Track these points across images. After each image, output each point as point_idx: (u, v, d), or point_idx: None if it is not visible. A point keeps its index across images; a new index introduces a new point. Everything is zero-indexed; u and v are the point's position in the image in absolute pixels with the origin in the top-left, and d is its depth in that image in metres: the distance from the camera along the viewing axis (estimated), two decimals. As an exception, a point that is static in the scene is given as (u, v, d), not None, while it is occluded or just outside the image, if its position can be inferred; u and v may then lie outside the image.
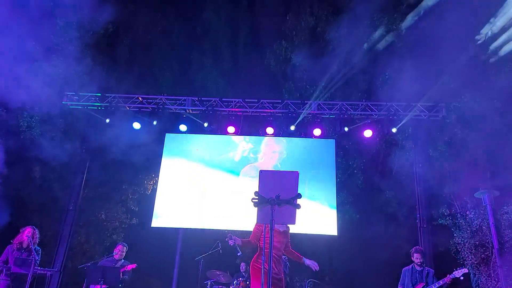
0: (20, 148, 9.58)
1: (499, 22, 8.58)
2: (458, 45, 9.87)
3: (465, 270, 6.47)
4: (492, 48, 9.43)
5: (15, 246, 6.57)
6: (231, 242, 4.58)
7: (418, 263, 6.77)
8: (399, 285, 6.91)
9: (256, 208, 3.43)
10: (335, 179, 9.83)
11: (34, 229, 6.71)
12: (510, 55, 9.35)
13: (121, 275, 6.73)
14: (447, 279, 6.40)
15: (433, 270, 6.81)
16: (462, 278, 6.44)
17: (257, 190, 3.44)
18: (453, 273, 6.46)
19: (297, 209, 3.57)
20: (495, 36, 9.22)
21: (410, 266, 6.87)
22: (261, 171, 3.51)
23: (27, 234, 6.53)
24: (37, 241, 6.72)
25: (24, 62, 10.60)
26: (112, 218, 12.74)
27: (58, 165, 11.41)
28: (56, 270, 8.69)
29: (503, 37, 8.51)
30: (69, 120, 11.25)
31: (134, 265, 7.14)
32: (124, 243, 7.63)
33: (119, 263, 7.31)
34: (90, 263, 7.30)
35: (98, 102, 9.87)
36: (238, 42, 15.17)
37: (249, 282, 7.82)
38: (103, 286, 6.35)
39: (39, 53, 10.54)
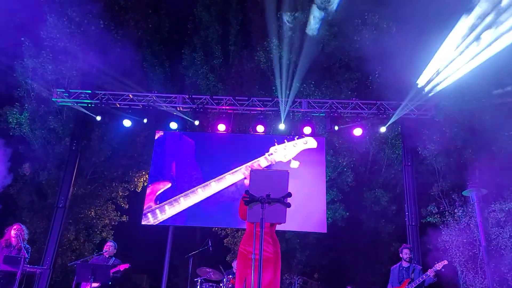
0: (10, 145, 9.50)
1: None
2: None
3: (445, 262, 6.56)
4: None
5: (3, 244, 6.53)
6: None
7: (407, 259, 6.86)
8: (388, 285, 7.00)
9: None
10: (324, 177, 9.89)
11: (22, 227, 6.66)
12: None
13: (111, 275, 6.71)
14: (430, 272, 6.49)
15: (420, 267, 6.91)
16: (443, 270, 6.53)
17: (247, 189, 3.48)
18: (434, 266, 6.55)
19: (287, 208, 3.62)
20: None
21: (398, 264, 6.97)
22: (251, 170, 3.55)
23: (15, 232, 6.48)
24: (26, 239, 6.67)
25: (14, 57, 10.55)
26: (102, 216, 12.70)
27: (48, 162, 11.35)
28: (45, 267, 8.64)
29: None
30: (59, 117, 11.19)
31: (126, 265, 7.13)
32: (113, 241, 7.64)
33: (110, 261, 7.32)
34: (80, 260, 7.29)
35: (88, 99, 9.80)
36: (229, 40, 15.16)
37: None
38: (93, 284, 6.35)
39: (30, 48, 10.49)
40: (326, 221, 9.64)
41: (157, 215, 9.45)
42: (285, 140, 9.82)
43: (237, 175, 9.69)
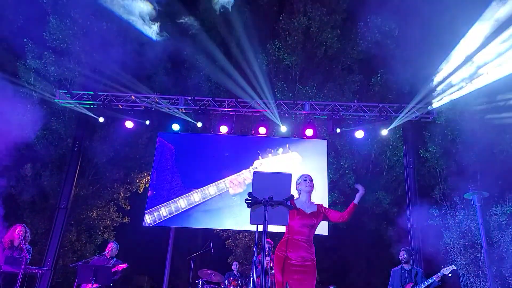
0: (12, 145, 9.51)
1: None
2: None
3: (453, 267, 6.55)
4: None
5: (6, 244, 6.52)
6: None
7: (402, 261, 6.84)
8: (388, 287, 6.98)
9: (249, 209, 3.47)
10: (326, 179, 9.88)
11: (25, 228, 6.66)
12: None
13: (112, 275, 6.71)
14: (436, 277, 6.48)
15: (422, 270, 6.89)
16: (450, 275, 6.53)
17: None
18: (441, 270, 6.54)
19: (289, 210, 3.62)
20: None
21: (399, 266, 6.95)
22: (254, 173, 3.55)
23: (19, 233, 6.48)
24: (29, 240, 6.67)
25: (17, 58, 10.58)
26: (104, 217, 12.72)
27: (50, 163, 11.38)
28: (47, 268, 8.63)
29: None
30: (61, 118, 11.21)
31: (125, 265, 7.11)
32: (115, 242, 7.62)
33: (111, 261, 7.29)
34: (81, 261, 7.28)
35: (90, 100, 9.81)
36: (231, 41, 15.17)
37: (240, 281, 7.89)
38: (94, 285, 6.35)
39: (32, 49, 10.53)
40: (327, 223, 9.63)
41: (159, 216, 9.44)
42: (270, 155, 9.83)
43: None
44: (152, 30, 11.01)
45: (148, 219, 9.29)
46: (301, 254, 4.15)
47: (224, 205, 9.40)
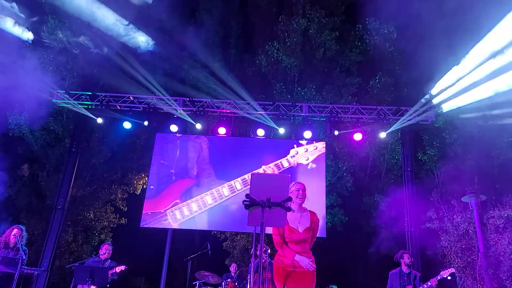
0: (9, 145, 9.49)
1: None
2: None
3: (452, 270, 6.54)
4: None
5: (1, 245, 6.48)
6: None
7: (408, 263, 6.82)
8: None
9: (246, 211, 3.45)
10: (324, 181, 9.87)
11: (22, 229, 6.61)
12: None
13: (110, 276, 6.67)
14: (434, 280, 6.47)
15: (419, 274, 6.88)
16: (449, 278, 6.52)
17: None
18: (440, 273, 6.52)
19: (287, 212, 3.61)
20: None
21: (398, 269, 6.93)
22: (252, 174, 3.53)
23: (15, 234, 6.44)
24: (25, 241, 6.63)
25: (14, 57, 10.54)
26: (101, 218, 12.67)
27: (47, 164, 11.34)
28: (43, 269, 8.60)
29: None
30: (59, 119, 11.18)
31: (123, 267, 7.03)
32: (110, 243, 7.50)
33: (107, 263, 7.23)
34: (77, 262, 7.22)
35: (88, 101, 9.79)
36: (230, 43, 15.18)
37: (238, 283, 7.87)
38: (91, 286, 6.31)
39: (30, 49, 10.49)
40: (325, 225, 9.62)
41: (156, 217, 9.42)
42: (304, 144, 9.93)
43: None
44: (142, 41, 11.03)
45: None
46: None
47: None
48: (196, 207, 9.48)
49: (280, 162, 9.78)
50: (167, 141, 10.05)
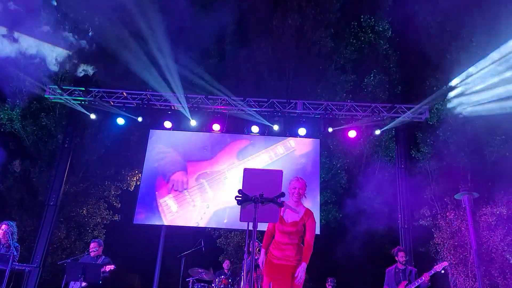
0: (0, 141, 9.41)
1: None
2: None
3: (445, 264, 6.56)
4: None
5: (-8, 241, 6.40)
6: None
7: (403, 262, 6.84)
8: (384, 286, 6.98)
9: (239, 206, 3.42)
10: (318, 178, 9.86)
11: (11, 225, 6.51)
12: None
13: (102, 274, 6.59)
14: (427, 274, 6.48)
15: (416, 269, 6.90)
16: (443, 271, 6.54)
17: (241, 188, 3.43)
18: (434, 267, 6.54)
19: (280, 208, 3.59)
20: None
21: (393, 266, 6.95)
22: (245, 169, 3.48)
23: (4, 230, 6.36)
24: (16, 237, 6.55)
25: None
26: (94, 214, 12.58)
27: (39, 159, 11.25)
28: (35, 266, 8.54)
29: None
30: (51, 114, 11.08)
31: (112, 267, 6.86)
32: (98, 240, 7.36)
33: (100, 259, 7.15)
34: (70, 259, 7.15)
35: (81, 97, 9.70)
36: (225, 39, 15.08)
37: (231, 280, 7.85)
38: (83, 283, 6.26)
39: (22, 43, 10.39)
40: (319, 222, 9.62)
41: (150, 214, 9.37)
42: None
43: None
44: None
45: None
46: (286, 254, 4.23)
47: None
48: (188, 203, 9.45)
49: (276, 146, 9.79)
50: (161, 137, 9.99)
